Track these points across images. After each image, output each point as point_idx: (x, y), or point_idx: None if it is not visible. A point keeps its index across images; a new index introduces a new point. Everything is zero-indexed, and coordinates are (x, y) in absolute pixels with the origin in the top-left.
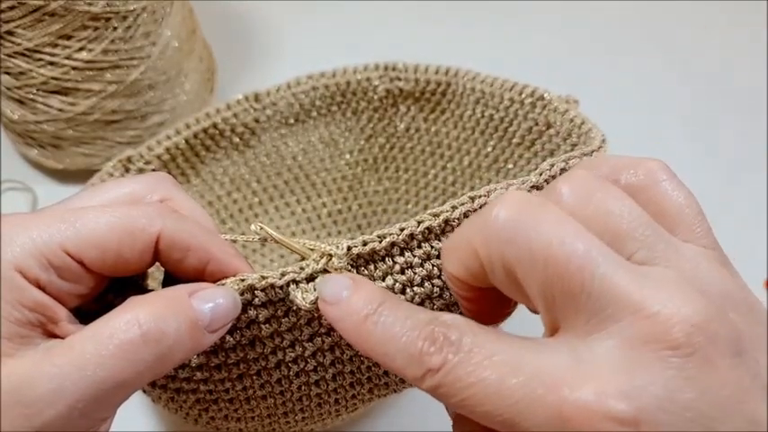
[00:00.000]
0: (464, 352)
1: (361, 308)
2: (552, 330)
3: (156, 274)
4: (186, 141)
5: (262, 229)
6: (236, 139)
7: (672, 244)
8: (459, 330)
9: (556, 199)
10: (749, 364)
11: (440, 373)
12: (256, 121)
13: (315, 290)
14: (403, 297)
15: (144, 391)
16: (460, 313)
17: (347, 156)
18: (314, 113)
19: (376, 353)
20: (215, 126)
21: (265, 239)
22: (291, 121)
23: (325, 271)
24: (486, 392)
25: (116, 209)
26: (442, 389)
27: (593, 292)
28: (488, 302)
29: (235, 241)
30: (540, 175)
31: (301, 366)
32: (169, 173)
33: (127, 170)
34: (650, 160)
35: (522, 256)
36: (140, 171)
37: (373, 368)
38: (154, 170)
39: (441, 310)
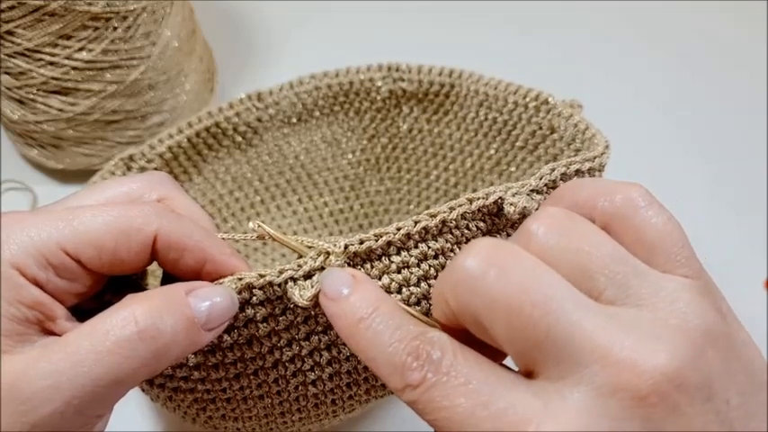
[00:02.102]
0: (442, 373)
1: (356, 309)
2: (526, 373)
3: (157, 272)
4: (188, 140)
5: (259, 226)
6: (239, 138)
7: (647, 279)
8: (442, 350)
9: (526, 239)
10: (719, 408)
11: (417, 390)
12: (259, 120)
13: (312, 287)
14: (399, 296)
15: (142, 390)
16: None
17: (349, 156)
18: (317, 113)
19: (364, 356)
20: (217, 125)
21: (264, 237)
22: (294, 120)
23: (322, 269)
24: (457, 418)
25: (113, 208)
26: (419, 405)
27: (558, 339)
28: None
29: (237, 241)
30: (541, 178)
31: (298, 366)
32: (171, 171)
33: (129, 168)
34: (629, 185)
35: (487, 306)
36: (142, 169)
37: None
38: (156, 169)
39: None
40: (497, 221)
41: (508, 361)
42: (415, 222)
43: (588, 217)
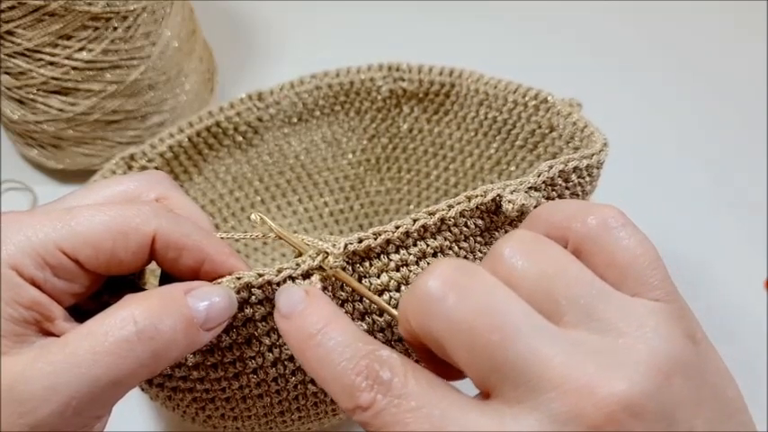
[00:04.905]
0: (392, 396)
1: (308, 325)
2: (484, 395)
3: (157, 270)
4: (189, 139)
5: (261, 219)
6: (239, 138)
7: (613, 302)
8: (392, 370)
9: (494, 261)
10: None
11: (368, 413)
12: (259, 119)
13: (311, 286)
14: (398, 295)
15: (142, 389)
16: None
17: (350, 155)
18: (317, 113)
19: (314, 375)
20: (218, 124)
21: (264, 235)
22: (294, 120)
23: (320, 268)
24: None
25: (111, 208)
26: (370, 428)
27: (517, 364)
28: (439, 362)
29: (236, 240)
30: (539, 176)
31: (297, 364)
32: (172, 171)
33: (129, 167)
34: (603, 207)
35: (446, 328)
36: (143, 169)
37: None
38: (157, 168)
39: None
40: (496, 219)
41: None
42: (414, 220)
43: (562, 238)
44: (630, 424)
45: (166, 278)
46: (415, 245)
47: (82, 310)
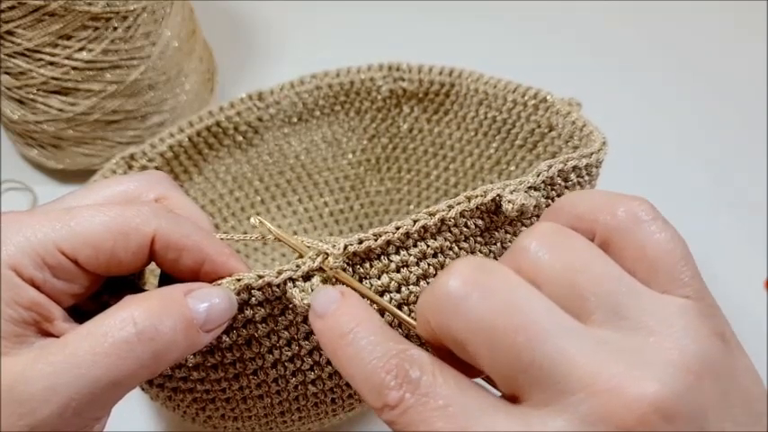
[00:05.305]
0: (420, 394)
1: (340, 325)
2: (510, 398)
3: (156, 270)
4: (189, 139)
5: (261, 222)
6: (239, 138)
7: (642, 300)
8: (422, 369)
9: (518, 255)
10: None
11: (395, 411)
12: (259, 119)
13: (312, 289)
14: (399, 295)
15: (142, 389)
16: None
17: (350, 155)
18: (317, 113)
19: (345, 373)
20: (218, 124)
21: (263, 236)
22: (294, 120)
23: (320, 270)
24: None
25: (111, 208)
26: (397, 426)
27: (544, 365)
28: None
29: (236, 241)
30: (538, 175)
31: (298, 365)
32: (172, 170)
33: (130, 167)
34: (632, 198)
35: (468, 329)
36: (143, 168)
37: None
38: (157, 168)
39: None
40: (495, 219)
41: None
42: (414, 221)
43: (588, 231)
44: (662, 426)
45: (166, 279)
46: (415, 246)
47: (81, 310)
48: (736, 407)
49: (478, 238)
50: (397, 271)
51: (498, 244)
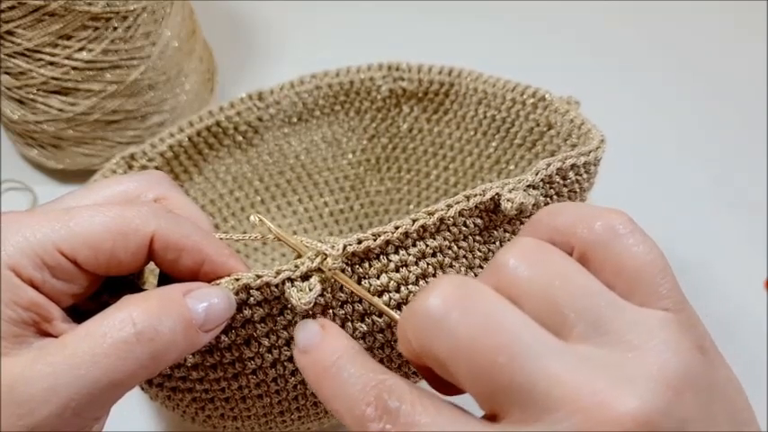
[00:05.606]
0: (401, 424)
1: (323, 359)
2: (490, 417)
3: (156, 270)
4: (189, 139)
5: (260, 220)
6: (239, 138)
7: (622, 314)
8: (400, 398)
9: (497, 271)
10: None
11: None
12: (259, 119)
13: (310, 290)
14: (398, 295)
15: (141, 389)
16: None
17: (350, 155)
18: (317, 113)
19: (330, 407)
20: (218, 124)
21: (263, 236)
22: (294, 120)
23: (319, 270)
24: None
25: (110, 208)
26: None
27: (523, 384)
28: (440, 380)
29: (236, 241)
30: (537, 174)
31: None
32: (172, 170)
33: (130, 167)
34: (610, 212)
35: (448, 347)
36: (143, 168)
37: None
38: (157, 167)
39: None
40: (494, 217)
41: None
42: (413, 221)
43: (566, 244)
44: None
45: (165, 279)
46: (414, 245)
47: (81, 310)
48: (720, 419)
49: (477, 237)
50: (397, 270)
51: (497, 243)
